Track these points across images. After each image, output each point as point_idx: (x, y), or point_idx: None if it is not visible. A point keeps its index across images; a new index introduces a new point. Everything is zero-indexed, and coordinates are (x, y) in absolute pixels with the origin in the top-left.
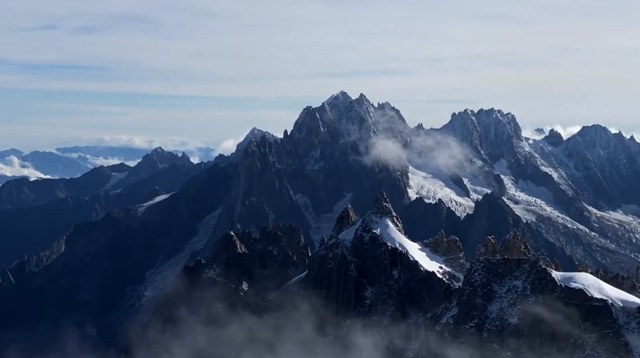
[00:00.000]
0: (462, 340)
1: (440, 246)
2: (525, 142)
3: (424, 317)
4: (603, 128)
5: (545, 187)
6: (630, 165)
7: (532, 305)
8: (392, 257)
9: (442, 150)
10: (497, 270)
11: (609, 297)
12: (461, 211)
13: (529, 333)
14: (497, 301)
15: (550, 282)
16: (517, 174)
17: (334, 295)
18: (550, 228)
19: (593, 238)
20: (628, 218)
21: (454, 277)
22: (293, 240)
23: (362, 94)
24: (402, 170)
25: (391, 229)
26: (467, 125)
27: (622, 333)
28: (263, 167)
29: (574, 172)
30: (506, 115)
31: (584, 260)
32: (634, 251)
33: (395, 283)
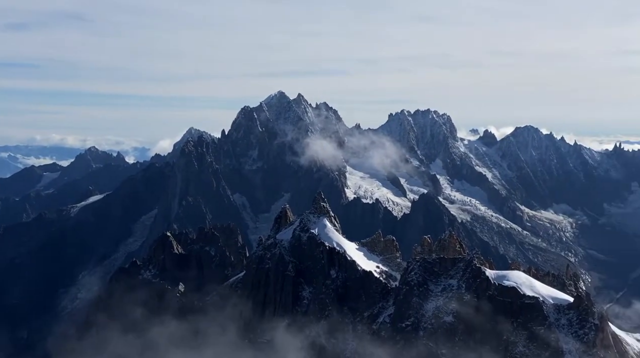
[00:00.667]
0: (398, 339)
1: (378, 246)
2: (461, 143)
3: (361, 316)
4: (535, 129)
5: (479, 186)
6: (561, 166)
7: (466, 304)
8: (329, 256)
9: (378, 150)
10: (433, 269)
11: (540, 294)
12: (398, 211)
13: (463, 331)
14: (433, 300)
15: (484, 280)
16: (452, 174)
17: (271, 296)
18: (484, 227)
19: (525, 237)
20: (559, 217)
21: (390, 276)
22: (231, 240)
23: (300, 94)
24: (339, 170)
25: (329, 229)
26: (403, 125)
27: (553, 330)
28: (200, 167)
29: (507, 172)
30: (442, 116)
31: (516, 258)
32: (564, 249)
33: (333, 283)
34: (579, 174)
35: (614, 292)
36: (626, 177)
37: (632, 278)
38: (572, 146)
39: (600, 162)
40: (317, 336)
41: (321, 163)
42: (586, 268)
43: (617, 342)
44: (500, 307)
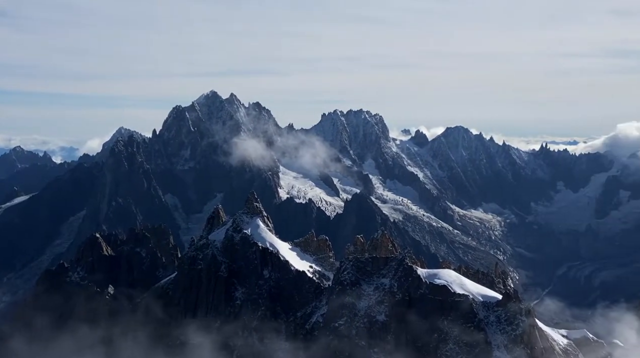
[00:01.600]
0: (331, 338)
1: (311, 245)
2: (393, 143)
3: (294, 316)
4: (465, 129)
5: (411, 186)
6: (490, 165)
7: (398, 302)
8: (262, 257)
9: (310, 150)
10: (366, 268)
11: (470, 292)
12: (331, 210)
13: (396, 329)
14: (365, 299)
15: (415, 279)
16: (384, 174)
17: (203, 297)
18: (416, 226)
19: (456, 235)
20: (488, 216)
21: (324, 276)
22: (162, 241)
23: (233, 93)
24: (272, 170)
25: (262, 229)
26: (336, 125)
27: (482, 327)
28: (130, 167)
29: (439, 172)
30: (374, 116)
31: (447, 257)
32: (493, 248)
33: (266, 283)
34: (507, 174)
35: (540, 289)
36: (552, 176)
37: (558, 275)
38: (501, 146)
39: (528, 162)
40: (249, 336)
41: (254, 163)
42: (514, 265)
43: (544, 337)
44: (431, 305)
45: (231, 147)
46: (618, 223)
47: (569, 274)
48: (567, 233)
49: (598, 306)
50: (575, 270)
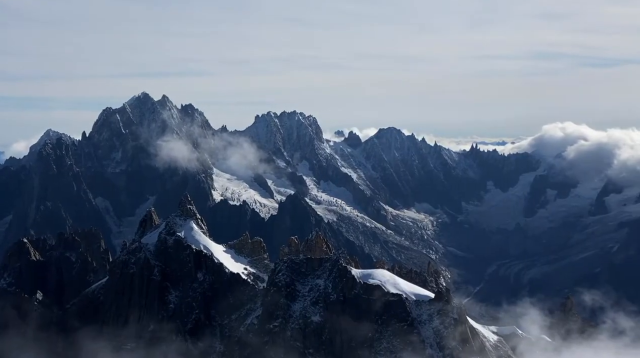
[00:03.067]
0: (266, 340)
1: (245, 247)
2: (326, 144)
3: (228, 319)
4: (398, 130)
5: (345, 187)
6: (422, 166)
7: (333, 303)
8: (196, 259)
9: (242, 152)
10: (301, 269)
11: (403, 291)
12: (265, 212)
13: (330, 329)
14: (300, 300)
15: (350, 279)
16: (318, 175)
17: (136, 301)
18: (350, 227)
19: (389, 236)
20: (420, 216)
21: (258, 278)
22: (93, 245)
23: (165, 95)
24: (206, 172)
25: (196, 232)
26: (270, 127)
27: (416, 326)
28: (59, 170)
29: (372, 173)
30: (308, 118)
31: (381, 257)
32: (425, 247)
33: (200, 286)
34: (439, 174)
35: (471, 287)
36: (482, 176)
37: (488, 273)
38: (433, 147)
39: (459, 163)
40: (183, 340)
41: (187, 165)
42: (446, 264)
43: (475, 335)
44: (365, 305)
45: (163, 150)
46: (545, 222)
47: (498, 272)
48: (497, 232)
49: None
50: (504, 268)
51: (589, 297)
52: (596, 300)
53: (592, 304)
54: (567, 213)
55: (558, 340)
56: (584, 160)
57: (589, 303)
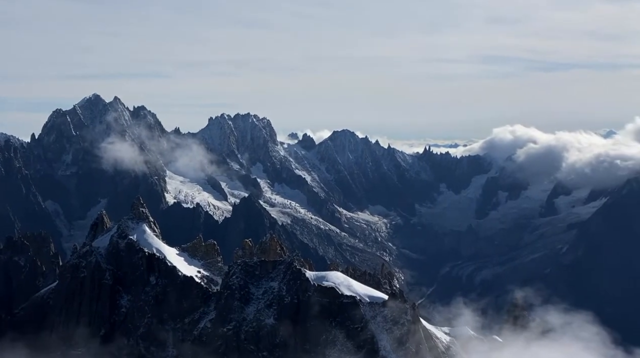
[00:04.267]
0: (220, 344)
1: (199, 250)
2: (280, 147)
3: (181, 323)
4: (351, 133)
5: (299, 189)
6: (376, 168)
7: (287, 305)
8: (149, 263)
9: (197, 154)
10: (254, 272)
11: (357, 293)
12: (219, 215)
13: (284, 332)
14: (254, 303)
15: (304, 281)
16: (273, 178)
17: (87, 305)
18: (304, 229)
19: (343, 238)
20: (374, 218)
21: (212, 281)
22: (42, 249)
23: (117, 96)
24: (158, 175)
25: (148, 235)
26: (224, 129)
27: (369, 328)
28: (8, 173)
29: (326, 175)
30: (262, 120)
31: (335, 259)
32: (379, 249)
33: (153, 289)
34: (392, 176)
35: (425, 288)
36: (435, 178)
37: (441, 274)
38: (386, 149)
39: (412, 165)
40: (135, 345)
41: (139, 167)
42: (399, 266)
43: (428, 336)
44: (319, 307)
45: (115, 152)
46: (497, 223)
47: (451, 273)
48: (450, 234)
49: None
50: (457, 269)
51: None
52: (536, 299)
53: (540, 303)
54: (518, 214)
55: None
56: (534, 162)
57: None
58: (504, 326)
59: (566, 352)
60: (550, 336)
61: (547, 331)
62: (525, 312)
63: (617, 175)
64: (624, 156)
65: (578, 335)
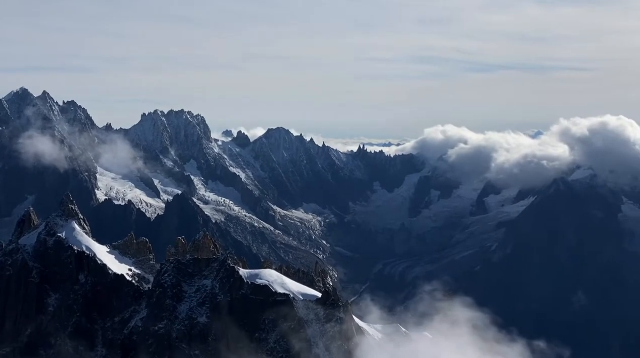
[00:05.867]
0: (151, 343)
1: (130, 248)
2: (215, 144)
3: (112, 322)
4: (286, 131)
5: (233, 187)
6: (311, 167)
7: (220, 303)
8: (78, 261)
9: (130, 150)
10: (188, 270)
11: (291, 291)
12: (152, 212)
13: (217, 330)
14: (187, 301)
15: (237, 279)
16: (207, 175)
17: (13, 304)
18: (238, 227)
19: (278, 236)
20: (309, 216)
21: (144, 279)
22: None
23: (46, 91)
24: (89, 171)
25: (78, 232)
26: (157, 126)
27: (303, 325)
28: None
29: (261, 173)
30: (196, 117)
31: (269, 257)
32: (313, 247)
33: (82, 288)
34: (327, 175)
35: (358, 286)
36: (369, 177)
37: (374, 272)
38: (321, 148)
39: (346, 163)
40: (63, 345)
41: (70, 164)
42: (333, 264)
43: (360, 333)
44: (253, 306)
45: (48, 147)
46: (429, 222)
47: (384, 271)
48: (383, 232)
49: (411, 301)
50: (390, 267)
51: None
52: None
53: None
54: (450, 213)
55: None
56: (465, 162)
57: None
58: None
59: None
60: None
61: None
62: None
63: (544, 175)
64: (551, 157)
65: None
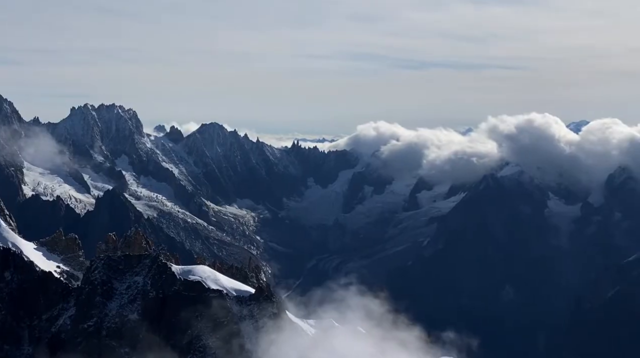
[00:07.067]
0: (79, 341)
1: (59, 245)
2: (147, 139)
3: (38, 320)
4: (220, 126)
5: (166, 183)
6: (245, 162)
7: (152, 300)
8: (3, 258)
9: (58, 145)
10: (118, 266)
11: (224, 287)
12: (81, 208)
13: (149, 327)
14: (117, 298)
15: (170, 276)
16: (138, 170)
17: None
18: (171, 223)
19: (211, 231)
20: (242, 212)
21: (72, 276)
22: None
23: None
24: (15, 166)
25: (3, 229)
26: (87, 120)
27: (236, 321)
28: None
29: (194, 168)
30: (128, 111)
31: (202, 253)
32: (247, 243)
33: (7, 286)
34: (261, 170)
35: (292, 281)
36: (303, 173)
37: (308, 267)
38: (255, 143)
39: (280, 159)
40: None
41: None
42: (267, 259)
43: (294, 328)
44: (185, 302)
45: None
46: (362, 217)
47: (318, 266)
48: (317, 228)
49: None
50: (324, 263)
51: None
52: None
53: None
54: (383, 209)
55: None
56: (397, 158)
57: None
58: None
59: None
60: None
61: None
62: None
63: (474, 172)
64: (480, 153)
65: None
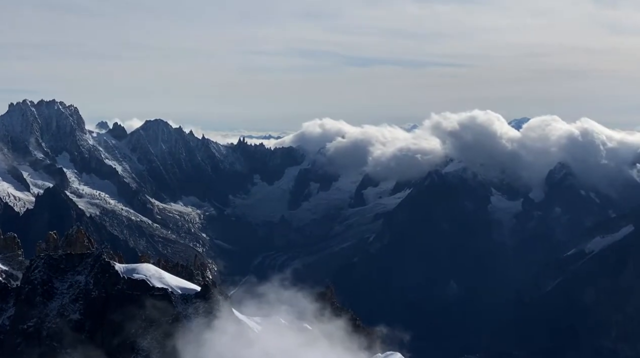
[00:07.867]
0: (19, 342)
1: None
2: (89, 136)
3: None
4: (165, 122)
5: (109, 180)
6: (190, 159)
7: (95, 299)
8: None
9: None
10: (59, 266)
11: (169, 285)
12: (20, 206)
13: (91, 327)
14: (58, 298)
15: (113, 274)
16: (80, 168)
17: None
18: (114, 221)
19: (155, 229)
20: (188, 209)
21: (11, 276)
22: None
23: None
24: None
25: None
26: (26, 116)
27: (181, 320)
28: None
29: (138, 166)
30: (69, 108)
31: (147, 251)
32: (192, 240)
33: None
34: (206, 167)
35: (238, 279)
36: (249, 170)
37: (254, 264)
38: (200, 140)
39: (226, 156)
40: None
41: None
42: (213, 257)
43: (240, 326)
44: (129, 301)
45: None
46: (308, 214)
47: (264, 263)
48: (263, 225)
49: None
50: (270, 259)
51: None
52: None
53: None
54: (329, 205)
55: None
56: (343, 155)
57: None
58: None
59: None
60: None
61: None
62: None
63: (419, 168)
64: (424, 150)
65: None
